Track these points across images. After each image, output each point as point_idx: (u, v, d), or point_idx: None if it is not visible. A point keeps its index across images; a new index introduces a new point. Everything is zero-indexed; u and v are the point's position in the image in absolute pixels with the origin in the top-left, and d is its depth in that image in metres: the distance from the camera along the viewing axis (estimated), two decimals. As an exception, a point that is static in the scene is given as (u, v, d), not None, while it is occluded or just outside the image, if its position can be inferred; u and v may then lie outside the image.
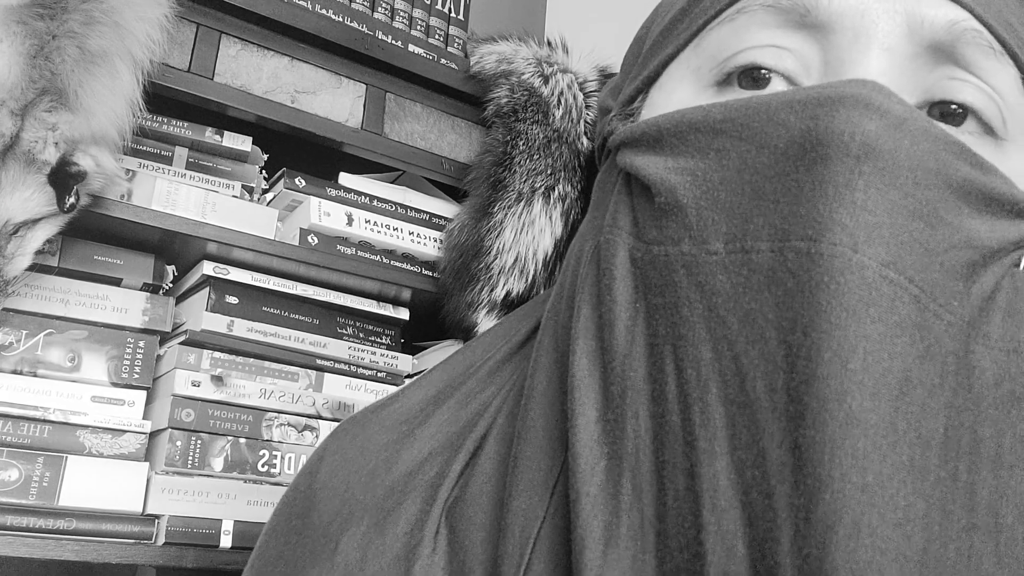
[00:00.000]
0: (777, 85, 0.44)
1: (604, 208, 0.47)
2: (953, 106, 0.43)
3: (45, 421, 0.94)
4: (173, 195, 1.03)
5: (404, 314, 1.18)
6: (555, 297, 0.50)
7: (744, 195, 0.39)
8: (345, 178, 1.17)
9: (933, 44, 0.43)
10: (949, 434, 0.37)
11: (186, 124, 1.09)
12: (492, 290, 1.06)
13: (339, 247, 1.12)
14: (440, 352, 1.18)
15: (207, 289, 1.06)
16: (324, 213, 1.12)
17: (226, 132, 1.11)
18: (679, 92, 0.47)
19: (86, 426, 0.96)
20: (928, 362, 0.37)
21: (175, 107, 1.07)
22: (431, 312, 1.18)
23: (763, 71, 0.44)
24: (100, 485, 0.95)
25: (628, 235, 0.44)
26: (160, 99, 1.02)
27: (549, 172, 1.07)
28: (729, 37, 0.45)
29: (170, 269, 1.08)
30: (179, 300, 1.09)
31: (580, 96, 1.12)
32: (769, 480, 0.35)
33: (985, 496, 0.38)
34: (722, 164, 0.41)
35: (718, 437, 0.37)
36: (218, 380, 1.03)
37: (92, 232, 1.00)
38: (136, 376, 1.01)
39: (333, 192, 1.14)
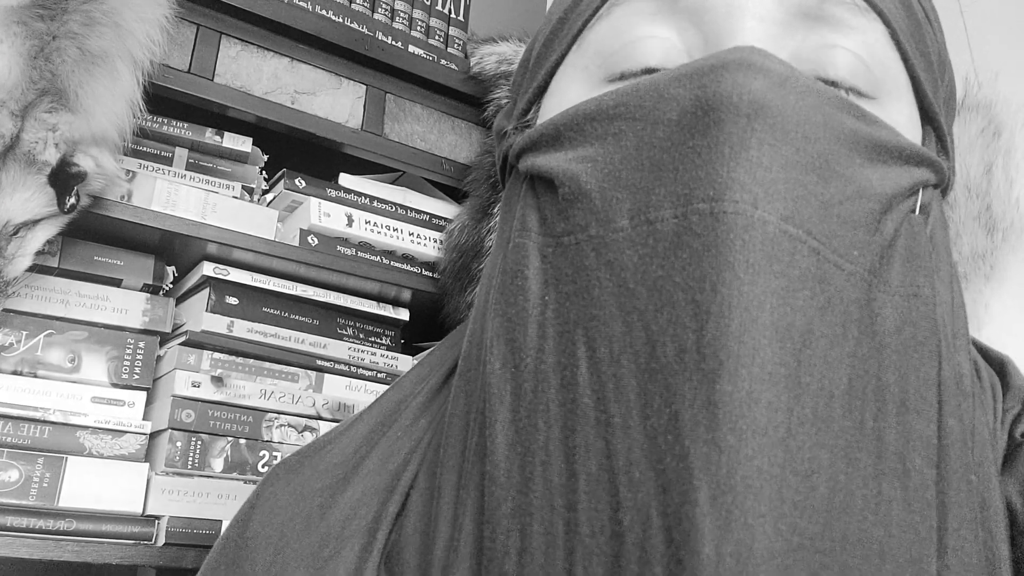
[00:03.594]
0: (668, 67, 0.45)
1: (511, 219, 0.47)
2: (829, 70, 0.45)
3: (45, 422, 0.94)
4: (173, 196, 1.03)
5: (404, 315, 1.18)
6: (472, 320, 0.50)
7: (644, 170, 0.40)
8: (345, 179, 1.17)
9: (802, 9, 0.44)
10: (853, 383, 0.38)
11: (186, 125, 1.09)
12: (492, 291, 1.06)
13: (339, 248, 1.12)
14: (440, 353, 1.18)
15: (207, 290, 1.06)
16: (324, 214, 1.12)
17: (226, 133, 1.11)
18: (571, 92, 0.48)
19: (86, 427, 0.96)
20: (829, 313, 0.38)
21: (175, 108, 1.07)
22: (431, 313, 1.18)
23: (656, 72, 0.45)
24: (100, 486, 0.95)
25: (536, 235, 0.44)
26: (160, 100, 1.02)
27: (549, 173, 1.07)
28: (609, 33, 0.47)
29: (170, 270, 1.08)
30: (179, 301, 1.09)
31: (580, 97, 1.11)
32: (683, 442, 0.35)
33: (892, 442, 0.38)
34: (620, 145, 0.42)
35: (632, 410, 0.37)
36: (218, 381, 1.03)
37: (92, 233, 1.00)
38: (136, 377, 1.01)
39: (333, 193, 1.14)
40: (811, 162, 0.39)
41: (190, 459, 0.99)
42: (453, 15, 1.31)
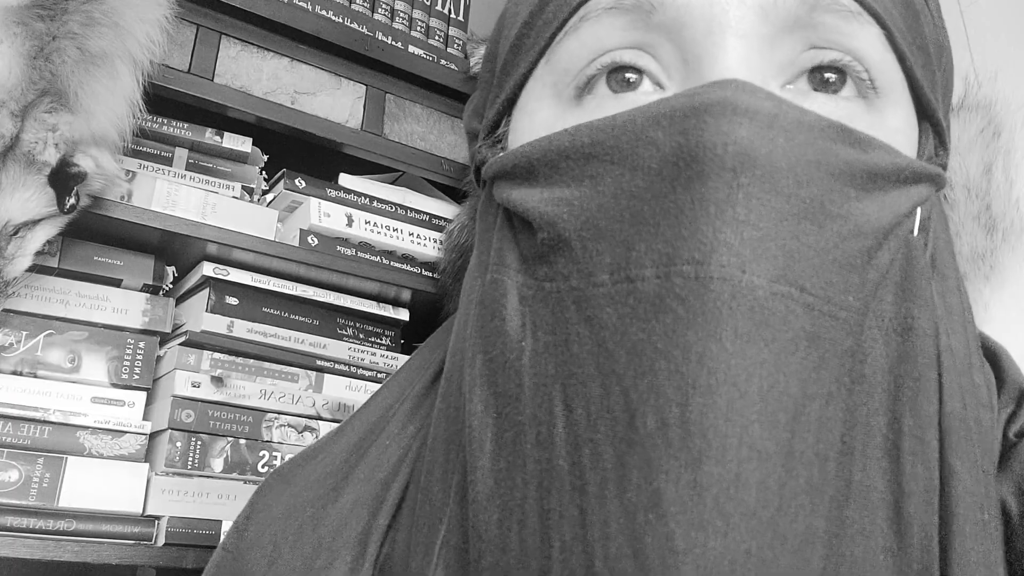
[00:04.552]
0: (646, 86, 0.42)
1: (489, 244, 0.45)
2: (827, 74, 0.42)
3: (45, 422, 0.94)
4: (173, 196, 1.03)
5: (404, 315, 1.18)
6: (455, 337, 0.48)
7: (624, 221, 0.38)
8: (345, 179, 1.17)
9: (789, 21, 0.41)
10: (845, 440, 0.36)
11: (186, 125, 1.09)
12: (492, 291, 1.06)
13: (339, 248, 1.12)
14: (440, 353, 1.18)
15: (207, 290, 1.06)
16: (324, 214, 1.12)
17: (226, 133, 1.11)
18: (541, 113, 0.45)
19: (86, 427, 0.96)
20: (824, 370, 0.36)
21: (175, 108, 1.07)
22: (431, 313, 1.18)
23: (629, 72, 0.42)
24: (100, 486, 0.95)
25: (516, 272, 0.42)
26: (160, 100, 1.02)
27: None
28: (578, 49, 0.43)
29: (170, 270, 1.08)
30: (179, 301, 1.09)
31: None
32: (667, 523, 0.33)
33: (883, 490, 0.37)
34: (597, 191, 0.39)
35: (608, 480, 0.35)
36: (218, 381, 1.03)
37: (92, 233, 1.00)
38: (136, 377, 1.01)
39: (333, 193, 1.14)
40: (804, 209, 0.36)
41: (190, 459, 0.99)
42: (453, 15, 1.31)
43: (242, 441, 1.03)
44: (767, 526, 0.33)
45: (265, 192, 1.16)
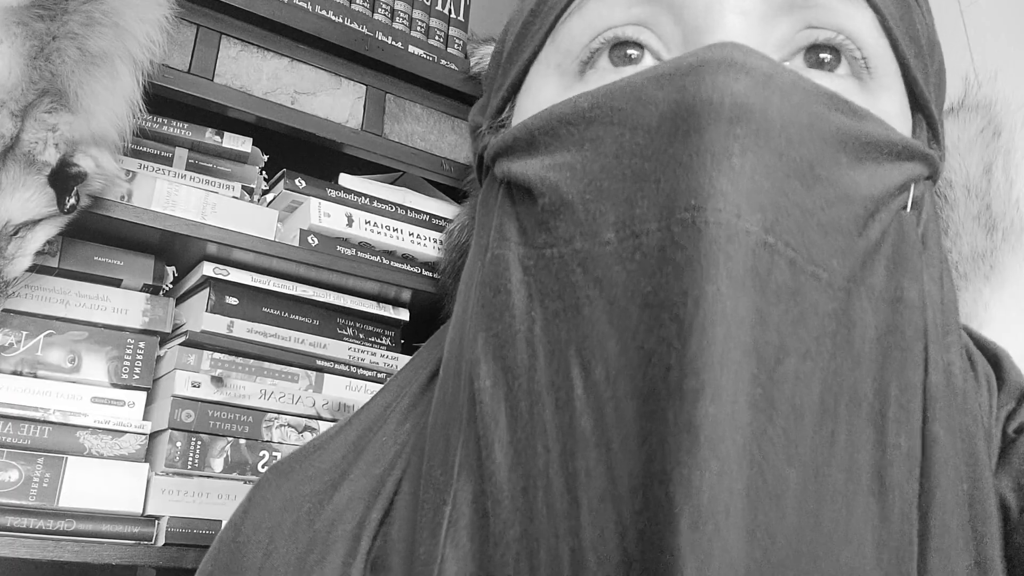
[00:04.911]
0: (647, 61, 0.43)
1: (489, 226, 0.46)
2: (823, 54, 0.43)
3: (45, 422, 0.94)
4: (173, 196, 1.03)
5: (404, 315, 1.18)
6: (453, 328, 0.48)
7: (627, 179, 0.38)
8: (345, 179, 1.17)
9: (787, 1, 0.42)
10: (825, 399, 0.37)
11: (186, 125, 1.09)
12: (492, 291, 1.06)
13: (339, 248, 1.12)
14: (440, 353, 1.18)
15: (207, 290, 1.06)
16: (324, 214, 1.12)
17: (226, 133, 1.11)
18: (545, 91, 0.46)
19: (86, 427, 0.96)
20: (802, 327, 0.36)
21: (175, 108, 1.07)
22: (431, 313, 1.18)
23: (630, 47, 0.43)
24: (100, 486, 0.95)
25: (517, 245, 0.42)
26: (160, 100, 1.02)
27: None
28: (581, 27, 0.44)
29: (170, 270, 1.08)
30: (179, 301, 1.09)
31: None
32: (667, 467, 0.33)
33: (866, 456, 0.37)
34: (599, 152, 0.40)
35: (631, 434, 0.36)
36: (218, 381, 1.03)
37: (92, 233, 1.00)
38: (136, 377, 1.01)
39: (333, 193, 1.14)
40: (794, 167, 0.37)
41: (190, 459, 0.99)
42: (453, 15, 1.31)
43: (242, 441, 1.03)
44: (753, 468, 0.33)
45: (265, 192, 1.16)
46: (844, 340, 0.38)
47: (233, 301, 1.06)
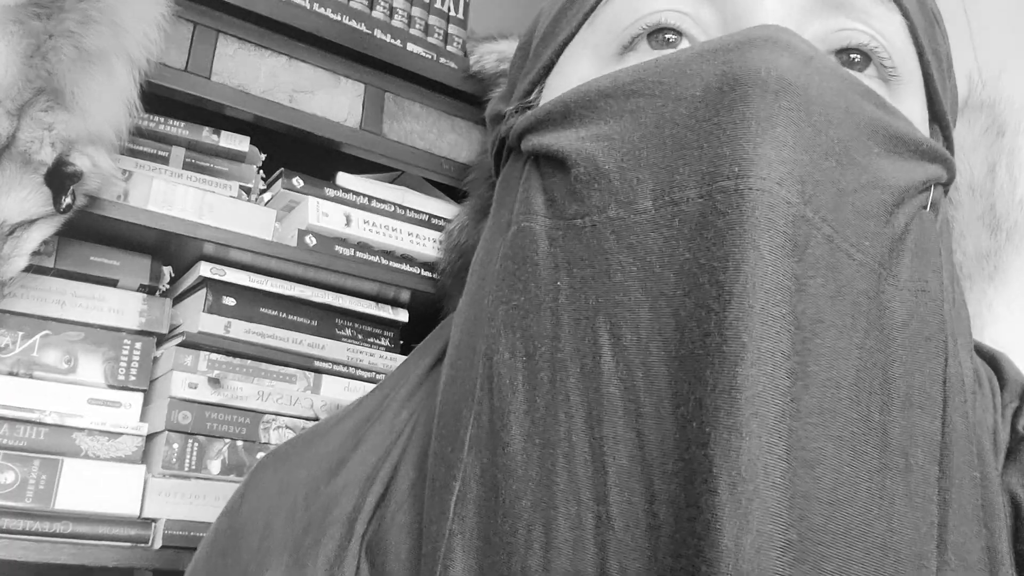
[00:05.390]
0: (684, 45, 0.44)
1: (511, 202, 0.46)
2: (853, 55, 0.44)
3: (41, 423, 0.94)
4: (170, 195, 1.02)
5: (403, 315, 1.18)
6: (467, 307, 0.48)
7: (667, 148, 0.39)
8: (343, 178, 1.17)
9: None
10: (860, 375, 0.37)
11: (183, 124, 1.08)
12: (492, 291, 1.06)
13: (337, 248, 1.11)
14: (439, 353, 1.18)
15: (204, 290, 1.05)
16: (322, 213, 1.11)
17: (223, 132, 1.10)
18: (580, 70, 0.47)
19: (82, 428, 0.96)
20: (839, 302, 0.37)
21: (172, 107, 1.07)
22: (430, 313, 1.18)
23: (669, 33, 0.44)
24: (97, 488, 0.94)
25: (543, 217, 0.43)
26: (157, 98, 1.01)
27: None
28: (624, 11, 0.45)
29: (167, 270, 1.07)
30: (176, 301, 1.09)
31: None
32: (704, 428, 0.34)
33: (896, 436, 0.38)
34: (639, 123, 0.40)
35: (663, 399, 0.36)
36: (215, 382, 1.02)
37: (88, 233, 1.00)
38: (133, 378, 1.00)
39: (331, 192, 1.14)
40: (831, 147, 0.38)
41: (187, 461, 0.99)
42: (452, 13, 1.31)
43: (239, 443, 1.02)
44: (789, 435, 0.34)
45: (263, 191, 1.15)
46: (876, 322, 0.38)
47: (230, 301, 1.06)
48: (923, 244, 0.41)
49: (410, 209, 1.19)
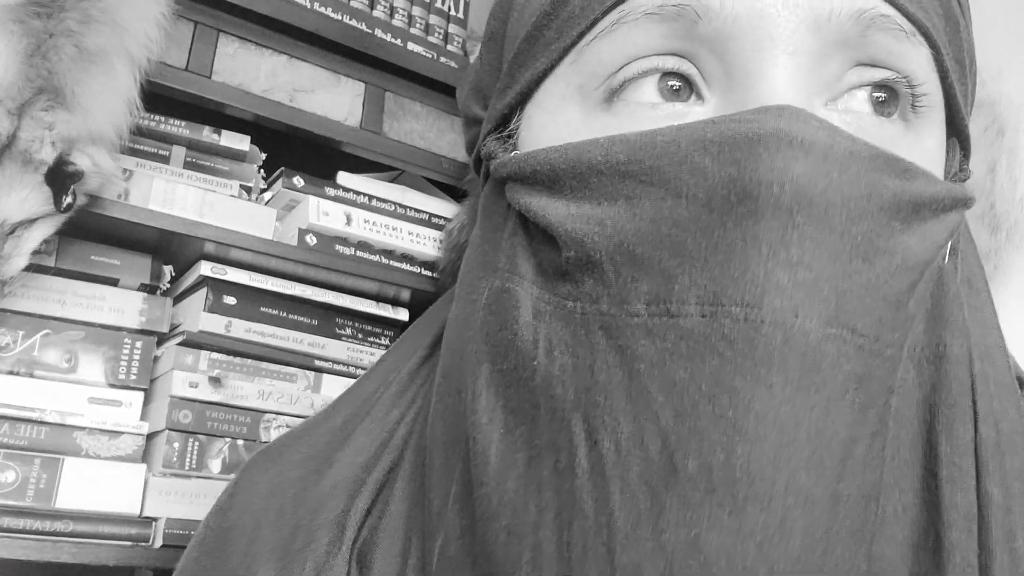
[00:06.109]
0: (684, 96, 0.40)
1: (497, 244, 0.43)
2: (877, 94, 0.40)
3: (42, 423, 0.94)
4: (170, 195, 1.02)
5: (403, 315, 1.18)
6: (452, 332, 0.46)
7: (664, 250, 0.36)
8: (344, 177, 1.17)
9: (840, 38, 0.39)
10: (887, 474, 0.36)
11: (183, 123, 1.08)
12: (492, 290, 1.06)
13: (338, 247, 1.11)
14: (439, 352, 1.18)
15: (205, 289, 1.05)
16: (323, 213, 1.11)
17: (224, 131, 1.10)
18: (565, 113, 0.42)
19: (83, 428, 0.96)
20: (871, 410, 0.35)
21: (172, 106, 1.07)
22: (430, 312, 1.18)
23: (672, 81, 0.40)
24: (97, 487, 0.94)
25: (531, 284, 0.40)
26: (157, 98, 1.01)
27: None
28: (612, 52, 0.40)
29: (167, 269, 1.07)
30: (176, 300, 1.09)
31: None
32: (710, 569, 0.32)
33: (918, 520, 0.37)
34: (634, 213, 0.37)
35: (642, 520, 0.34)
36: (216, 381, 1.02)
37: (89, 232, 1.00)
38: (133, 377, 1.00)
39: (332, 192, 1.14)
40: (856, 246, 0.35)
41: (188, 460, 0.99)
42: (452, 12, 1.31)
43: (240, 442, 1.02)
44: (812, 572, 0.33)
45: (263, 191, 1.15)
46: (895, 410, 0.37)
47: (231, 301, 1.06)
48: (940, 302, 0.39)
49: (410, 208, 1.19)
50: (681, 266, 0.35)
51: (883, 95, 0.40)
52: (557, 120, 0.42)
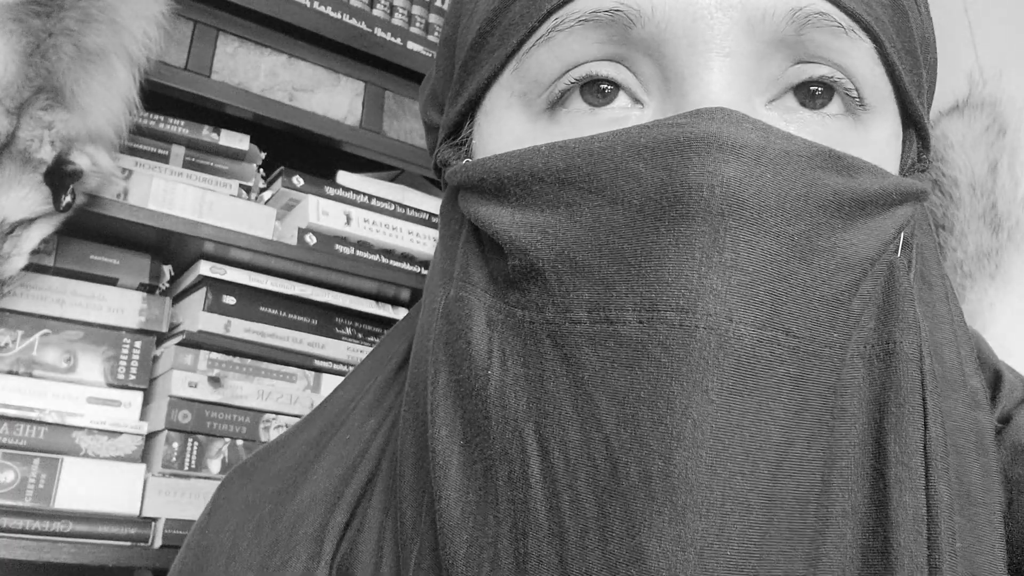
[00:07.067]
0: (621, 100, 0.40)
1: (453, 252, 0.43)
2: (815, 88, 0.40)
3: (41, 422, 0.94)
4: (170, 194, 1.02)
5: (403, 314, 1.17)
6: (418, 342, 0.46)
7: (603, 257, 0.36)
8: (343, 177, 1.16)
9: (777, 38, 0.38)
10: (826, 478, 0.36)
11: (183, 122, 1.08)
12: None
13: (337, 247, 1.11)
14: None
15: (204, 289, 1.05)
16: (322, 212, 1.11)
17: (223, 130, 1.10)
18: (510, 121, 0.42)
19: (82, 427, 0.95)
20: (806, 412, 0.35)
21: (172, 105, 1.07)
22: (430, 312, 1.18)
23: (605, 84, 0.40)
24: (96, 487, 0.94)
25: (484, 293, 0.40)
26: (157, 97, 1.01)
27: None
28: (551, 59, 0.40)
29: (167, 269, 1.07)
30: (176, 300, 1.09)
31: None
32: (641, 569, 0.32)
33: (867, 524, 0.36)
34: (574, 221, 0.37)
35: (590, 530, 0.34)
36: (215, 381, 1.02)
37: (88, 231, 0.99)
38: (132, 377, 1.00)
39: (331, 191, 1.14)
40: (792, 246, 0.35)
41: (187, 460, 0.98)
42: (452, 12, 1.31)
43: (239, 442, 1.02)
44: (745, 572, 0.33)
45: (263, 190, 1.15)
46: (839, 408, 0.37)
47: (230, 300, 1.06)
48: (890, 298, 0.39)
49: (410, 208, 1.19)
50: (619, 273, 0.35)
51: (820, 89, 0.40)
52: (502, 129, 0.42)
